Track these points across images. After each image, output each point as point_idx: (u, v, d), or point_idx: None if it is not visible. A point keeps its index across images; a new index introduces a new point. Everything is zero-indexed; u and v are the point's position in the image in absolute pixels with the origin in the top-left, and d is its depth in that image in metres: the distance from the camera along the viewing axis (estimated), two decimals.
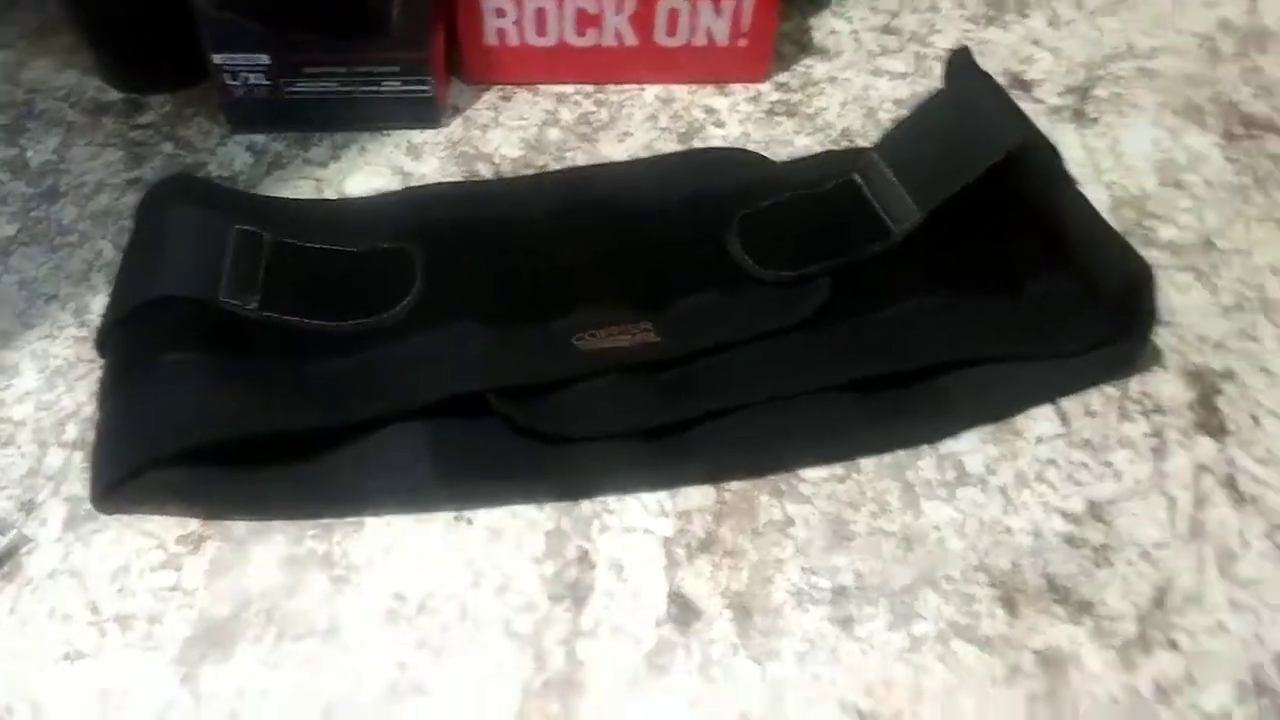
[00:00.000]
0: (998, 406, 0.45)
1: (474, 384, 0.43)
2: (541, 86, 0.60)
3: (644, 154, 0.56)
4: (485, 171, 0.55)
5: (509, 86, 0.60)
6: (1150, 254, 0.50)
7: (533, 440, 0.43)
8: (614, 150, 0.57)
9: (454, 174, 0.55)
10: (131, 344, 0.44)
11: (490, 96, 0.60)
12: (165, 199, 0.50)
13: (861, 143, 0.57)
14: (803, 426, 0.43)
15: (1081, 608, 0.39)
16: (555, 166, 0.56)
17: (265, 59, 0.55)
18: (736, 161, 0.55)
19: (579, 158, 0.56)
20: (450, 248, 0.49)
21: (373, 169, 0.56)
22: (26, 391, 0.46)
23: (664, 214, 0.51)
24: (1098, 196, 0.53)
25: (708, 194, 0.52)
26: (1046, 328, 0.46)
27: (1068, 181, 0.50)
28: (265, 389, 0.43)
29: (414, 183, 0.55)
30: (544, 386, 0.44)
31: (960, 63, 0.54)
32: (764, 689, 0.37)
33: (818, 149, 0.56)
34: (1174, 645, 0.38)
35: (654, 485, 0.43)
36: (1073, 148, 0.56)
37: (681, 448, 0.43)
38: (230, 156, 0.56)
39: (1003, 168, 0.47)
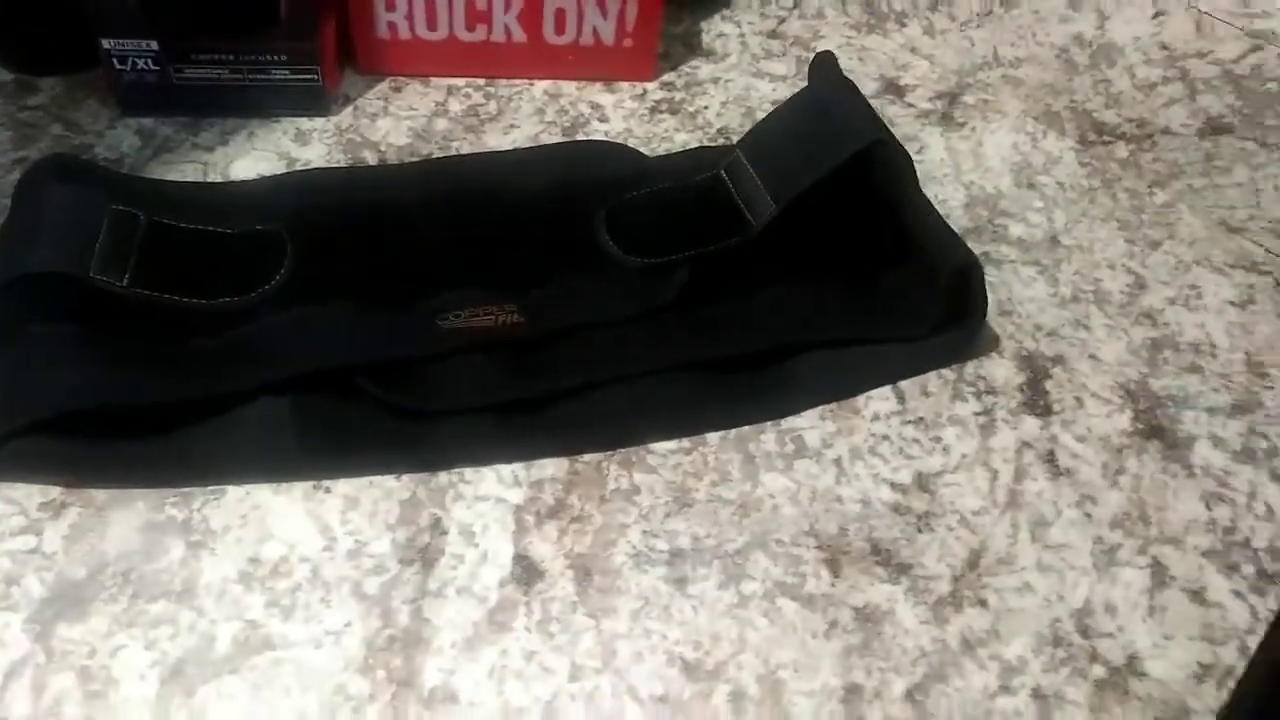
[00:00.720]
0: (840, 388, 0.49)
1: (334, 359, 0.46)
2: (433, 79, 0.64)
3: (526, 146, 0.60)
4: (371, 159, 0.59)
5: (401, 78, 0.64)
6: (1000, 249, 0.55)
7: (393, 415, 0.46)
8: (499, 142, 0.60)
9: (339, 160, 0.58)
10: (0, 317, 0.47)
11: (382, 87, 0.63)
12: (43, 178, 0.52)
13: (736, 140, 0.61)
14: (655, 404, 0.47)
15: (901, 569, 0.43)
16: (439, 154, 0.59)
17: (154, 45, 0.57)
18: (610, 154, 0.59)
19: (464, 148, 0.60)
20: (323, 231, 0.52)
21: (260, 154, 0.59)
22: None
23: (536, 201, 0.55)
24: (955, 195, 0.58)
25: (579, 183, 0.55)
26: (889, 315, 0.50)
27: (914, 182, 0.53)
28: (132, 362, 0.46)
29: (299, 168, 0.58)
30: (407, 363, 0.47)
31: (823, 65, 0.58)
32: (597, 643, 0.40)
33: (695, 144, 0.60)
34: (983, 603, 0.42)
35: (510, 458, 0.46)
36: (937, 149, 0.61)
37: (538, 423, 0.46)
38: (118, 139, 0.59)
39: (856, 168, 0.51)
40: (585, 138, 0.61)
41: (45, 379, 0.45)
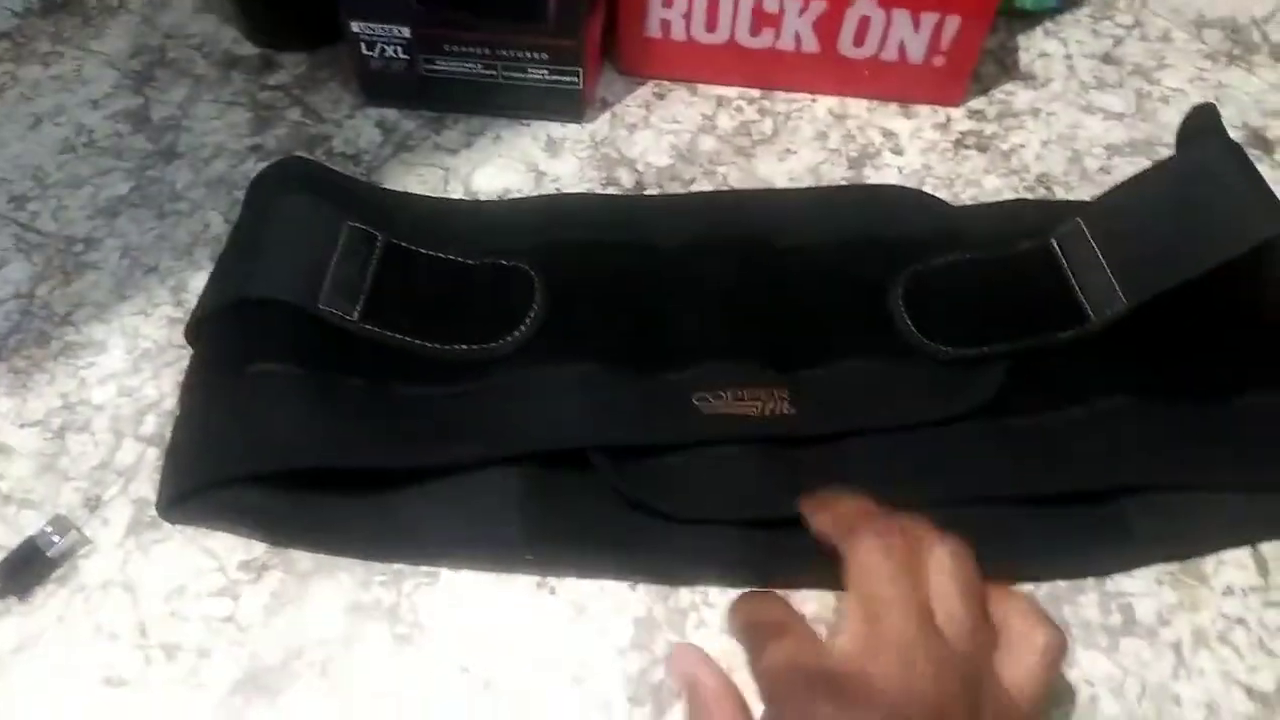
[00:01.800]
0: (1185, 543, 0.41)
1: (581, 438, 0.41)
2: (700, 86, 0.58)
3: (808, 177, 0.53)
4: (626, 179, 0.53)
5: (665, 83, 0.58)
6: None
7: (635, 510, 0.40)
8: (772, 170, 0.54)
9: (592, 179, 0.53)
10: (221, 343, 0.44)
11: (643, 92, 0.57)
12: (279, 181, 0.48)
13: (1060, 193, 0.52)
14: None
15: None
16: (704, 181, 0.53)
17: (406, 32, 0.53)
18: (913, 205, 0.51)
19: (732, 174, 0.53)
20: (575, 272, 0.47)
21: (505, 162, 0.54)
22: (111, 373, 0.46)
23: (819, 258, 0.48)
24: None
25: (874, 240, 0.48)
26: (1257, 452, 0.42)
27: None
28: (354, 415, 0.42)
29: (547, 183, 0.53)
30: (656, 448, 0.42)
31: (1201, 123, 0.47)
32: None
33: (1008, 193, 0.52)
34: None
35: (765, 583, 0.40)
36: None
37: (799, 546, 0.39)
38: (357, 131, 0.55)
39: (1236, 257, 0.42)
40: (876, 172, 0.53)
41: (261, 428, 0.41)
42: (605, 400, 0.42)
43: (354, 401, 0.42)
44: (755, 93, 0.57)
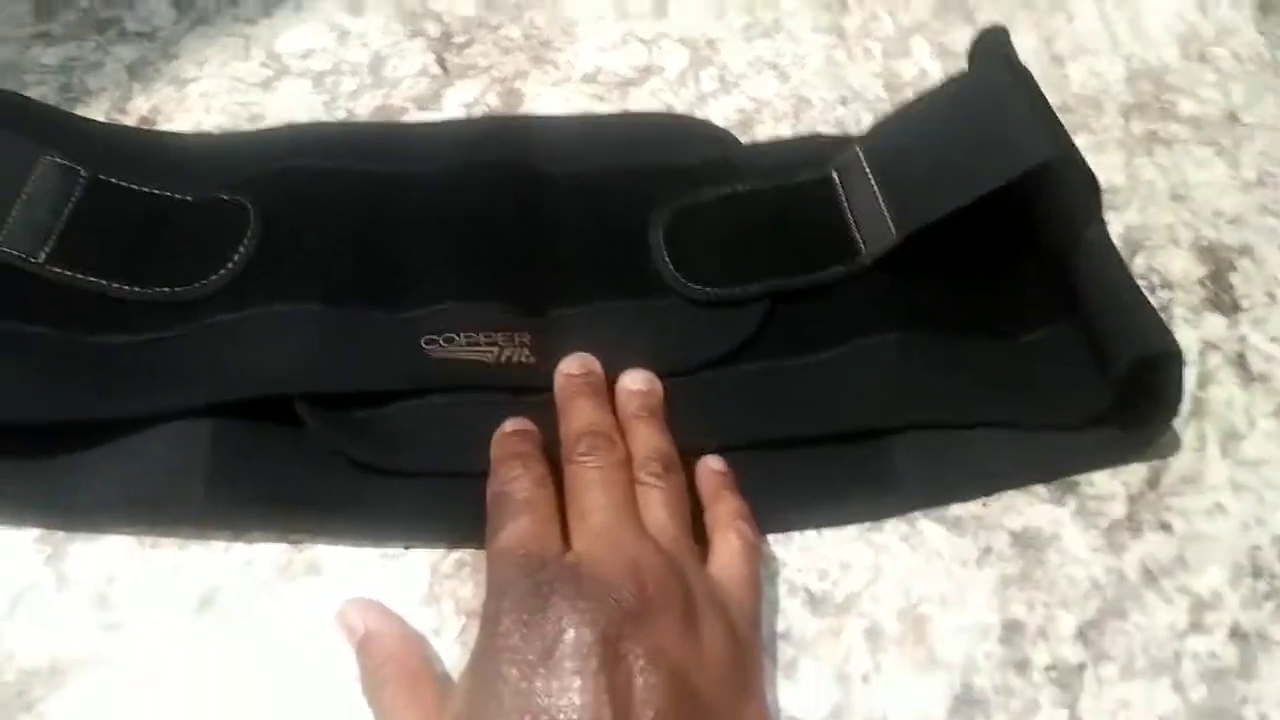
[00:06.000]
0: (956, 486, 0.39)
1: (282, 385, 0.39)
2: None
3: (612, 14, 0.56)
4: (433, 30, 0.55)
5: None
6: (1169, 128, 0.50)
7: (338, 465, 0.39)
8: (579, 10, 0.56)
9: (398, 33, 0.54)
10: None
11: None
12: None
13: (854, 9, 0.56)
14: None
15: (1066, 487, 0.38)
16: (512, 26, 0.55)
17: None
18: (692, 134, 0.49)
19: (538, 17, 0.55)
20: (301, 203, 0.44)
21: (309, 27, 0.55)
22: None
23: (582, 189, 0.46)
24: (1114, 69, 0.53)
25: (644, 170, 0.46)
26: (1033, 389, 0.41)
27: (1098, 222, 0.41)
28: (33, 366, 0.40)
29: (353, 41, 0.54)
30: (373, 396, 0.40)
31: (990, 46, 0.46)
32: None
33: None
34: (1166, 527, 0.37)
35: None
36: (1089, 18, 0.55)
37: None
38: (151, 9, 0.56)
39: (1018, 185, 0.40)
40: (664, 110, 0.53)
41: None
42: (318, 342, 0.40)
43: (34, 352, 0.40)
44: None
